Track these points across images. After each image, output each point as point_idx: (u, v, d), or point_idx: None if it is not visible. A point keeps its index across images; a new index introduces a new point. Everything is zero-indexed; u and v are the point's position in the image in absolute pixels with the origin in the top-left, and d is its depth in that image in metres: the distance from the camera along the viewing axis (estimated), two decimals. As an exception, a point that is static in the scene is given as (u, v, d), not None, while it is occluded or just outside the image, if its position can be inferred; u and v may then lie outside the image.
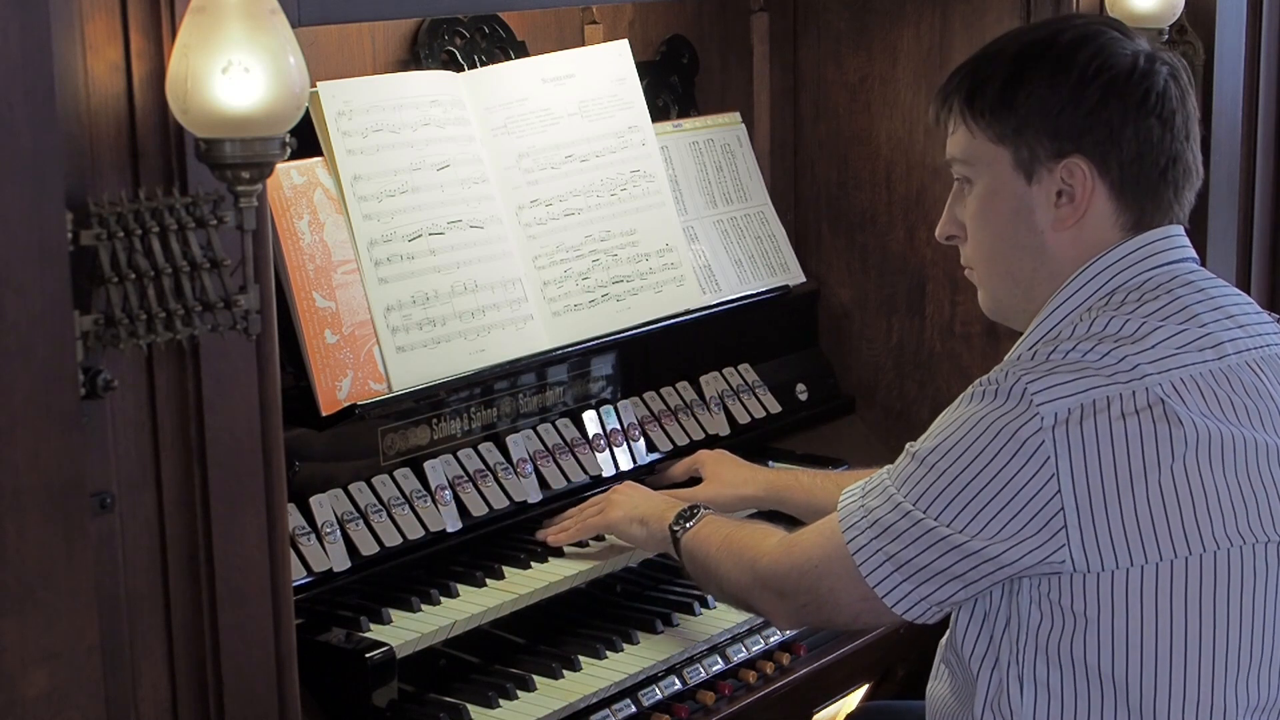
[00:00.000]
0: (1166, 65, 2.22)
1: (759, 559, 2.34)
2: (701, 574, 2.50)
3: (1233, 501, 2.09)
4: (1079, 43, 2.20)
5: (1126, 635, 2.08)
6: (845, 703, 3.12)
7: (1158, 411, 2.06)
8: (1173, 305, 2.16)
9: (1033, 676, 2.13)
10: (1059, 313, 2.20)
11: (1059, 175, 2.19)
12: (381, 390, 2.61)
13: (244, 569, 2.02)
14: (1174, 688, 2.09)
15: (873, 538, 2.16)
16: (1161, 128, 2.19)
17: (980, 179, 2.26)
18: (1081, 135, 2.18)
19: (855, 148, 3.45)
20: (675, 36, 3.35)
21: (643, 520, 2.66)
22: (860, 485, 2.23)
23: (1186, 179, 2.23)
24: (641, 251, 3.04)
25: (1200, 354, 2.13)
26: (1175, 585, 2.07)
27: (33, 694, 1.77)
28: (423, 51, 2.88)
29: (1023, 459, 2.05)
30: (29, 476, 1.74)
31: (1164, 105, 2.19)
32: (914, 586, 2.14)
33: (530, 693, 2.49)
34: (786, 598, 2.29)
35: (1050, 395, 2.06)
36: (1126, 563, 2.06)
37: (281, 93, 1.82)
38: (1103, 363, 2.09)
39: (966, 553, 2.10)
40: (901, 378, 3.47)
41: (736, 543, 2.41)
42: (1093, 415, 2.04)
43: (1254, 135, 3.69)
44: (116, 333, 1.82)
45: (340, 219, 2.63)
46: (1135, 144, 2.18)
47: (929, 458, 2.12)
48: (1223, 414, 2.10)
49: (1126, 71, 2.18)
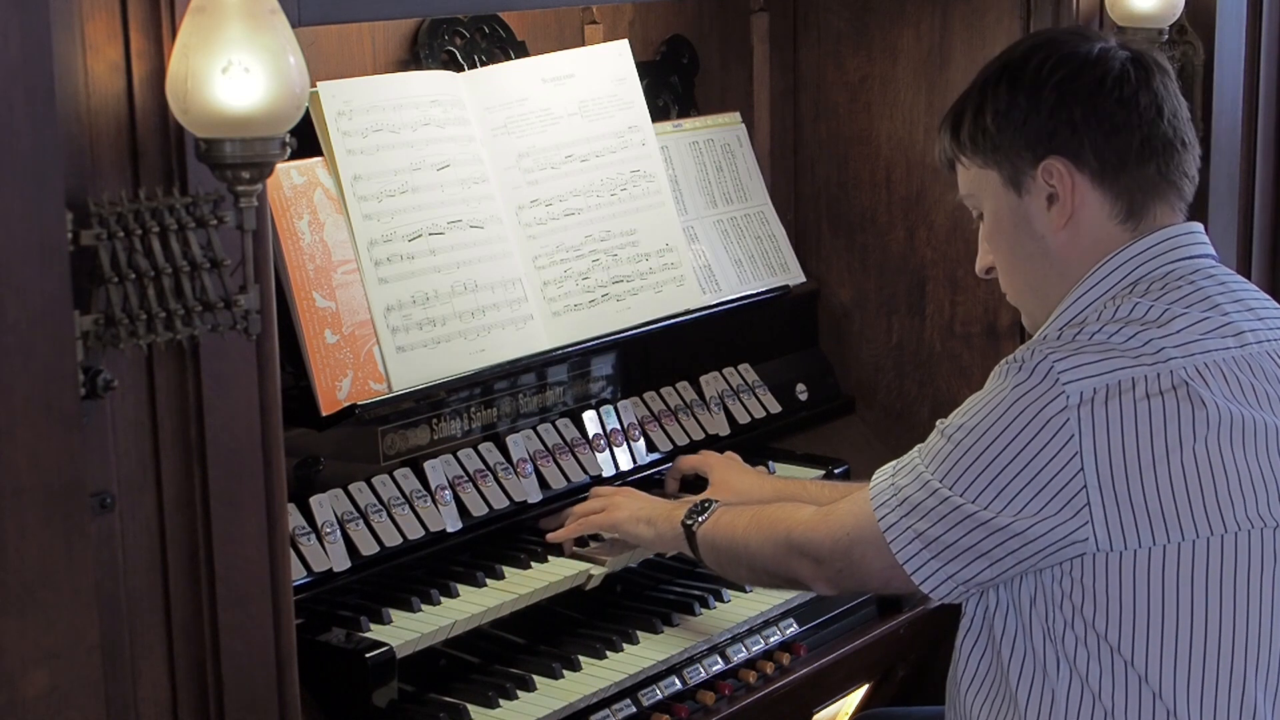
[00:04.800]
0: (1125, 52, 2.28)
1: (793, 529, 2.39)
2: (728, 558, 2.54)
3: (1254, 484, 2.14)
4: (1030, 53, 2.30)
5: (1148, 617, 2.12)
6: (845, 703, 3.12)
7: (1181, 393, 2.11)
8: (1196, 294, 2.22)
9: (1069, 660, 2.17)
10: (1084, 300, 2.25)
11: (1042, 180, 2.26)
12: (381, 390, 2.61)
13: (244, 569, 2.02)
14: (1193, 670, 2.13)
15: (902, 515, 2.21)
16: (1124, 109, 2.24)
17: (985, 205, 2.35)
18: (1050, 137, 2.25)
19: (855, 148, 3.45)
20: (675, 36, 3.35)
21: (649, 520, 2.68)
22: (892, 464, 2.29)
23: (1168, 153, 2.27)
24: (641, 251, 3.04)
25: (1223, 340, 2.18)
26: (1196, 567, 2.12)
27: (33, 694, 1.77)
28: (423, 51, 2.88)
29: (1047, 436, 2.10)
30: (29, 476, 1.74)
31: (1122, 88, 2.25)
32: (941, 564, 2.19)
33: (530, 693, 2.49)
34: (823, 563, 2.35)
35: (1076, 375, 2.11)
36: (1149, 542, 2.10)
37: (281, 93, 1.82)
38: (1128, 345, 2.14)
39: (993, 529, 2.14)
40: (901, 378, 3.47)
41: (765, 519, 2.47)
42: (1118, 395, 2.09)
43: (1254, 135, 3.69)
44: (116, 333, 1.82)
45: (340, 219, 2.63)
46: (1100, 130, 2.24)
47: (955, 434, 2.18)
48: (1244, 398, 2.15)
49: (1078, 66, 2.26)
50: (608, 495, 2.78)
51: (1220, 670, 2.13)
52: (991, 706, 2.25)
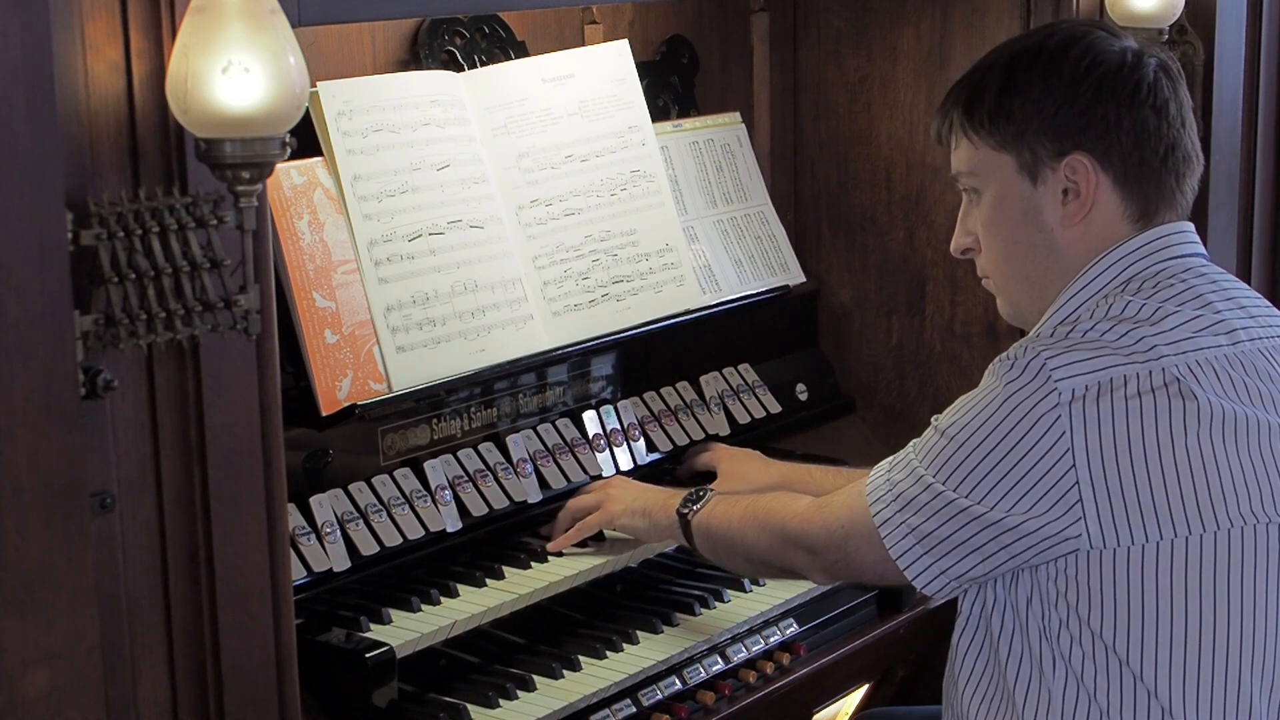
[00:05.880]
0: (1154, 59, 2.29)
1: (788, 520, 2.40)
2: (723, 547, 2.54)
3: (1245, 481, 2.14)
4: (1067, 44, 2.27)
5: (1142, 615, 2.12)
6: (845, 703, 3.12)
7: (1173, 390, 2.11)
8: (1188, 292, 2.22)
9: (1064, 658, 2.17)
10: (1076, 299, 2.25)
11: (1063, 173, 2.25)
12: (381, 390, 2.61)
13: (244, 569, 2.02)
14: (1188, 667, 2.13)
15: (896, 510, 2.22)
16: (1156, 117, 2.25)
17: (987, 188, 2.32)
18: (1080, 132, 2.24)
19: (855, 148, 3.45)
20: (675, 36, 3.35)
21: (645, 512, 2.68)
22: (889, 459, 2.30)
23: (1187, 165, 2.29)
24: (641, 251, 3.04)
25: (1215, 338, 2.18)
26: (1190, 563, 2.12)
27: (33, 694, 1.77)
28: (423, 51, 2.88)
29: (1039, 433, 2.11)
30: (29, 476, 1.74)
31: (1156, 95, 2.25)
32: (934, 559, 2.20)
33: (530, 693, 2.49)
34: (818, 554, 2.36)
35: (1069, 372, 2.11)
36: (1142, 539, 2.11)
37: (281, 93, 1.82)
38: (1120, 342, 2.14)
39: (985, 524, 2.15)
40: (901, 378, 3.47)
41: (761, 510, 2.47)
42: (1109, 392, 2.10)
43: (1254, 135, 3.69)
44: (116, 333, 1.82)
45: (340, 219, 2.63)
46: (1133, 135, 2.24)
47: (949, 430, 2.19)
48: (1237, 395, 2.16)
49: (1116, 66, 2.25)
50: (601, 488, 2.78)
51: (1215, 667, 2.14)
52: (988, 706, 2.25)
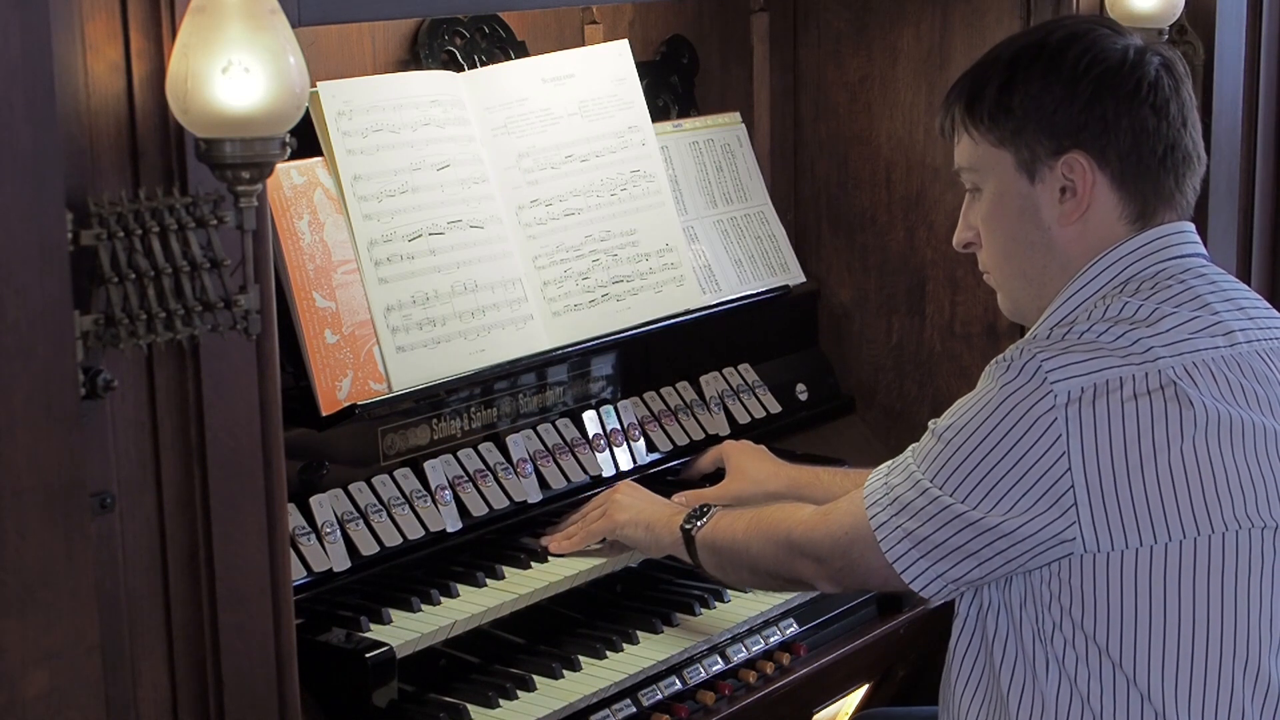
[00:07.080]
0: (1158, 56, 2.27)
1: (793, 529, 2.40)
2: (729, 561, 2.53)
3: (1241, 485, 2.13)
4: (1068, 41, 2.26)
5: (1136, 619, 2.12)
6: (845, 703, 3.12)
7: (1169, 393, 2.10)
8: (1186, 293, 2.21)
9: (1058, 661, 2.16)
10: (1074, 299, 2.24)
11: (1060, 171, 2.24)
12: (381, 390, 2.61)
13: (244, 569, 2.02)
14: (1181, 672, 2.12)
15: (893, 515, 2.21)
16: (1156, 116, 2.23)
17: (987, 184, 2.31)
18: (1078, 130, 2.23)
19: (855, 148, 3.45)
20: (675, 36, 3.35)
21: (648, 525, 2.67)
22: (888, 463, 2.29)
23: (1187, 166, 2.27)
24: (641, 251, 3.04)
25: (1212, 340, 2.17)
26: (1184, 567, 2.11)
27: (33, 694, 1.77)
28: (423, 51, 2.88)
29: (1035, 435, 2.10)
30: (29, 476, 1.74)
31: (1157, 94, 2.24)
32: (931, 564, 2.19)
33: (530, 693, 2.49)
34: (824, 563, 2.36)
35: (1065, 374, 2.11)
36: (1136, 542, 2.10)
37: (281, 93, 1.82)
38: (1117, 344, 2.13)
39: (981, 529, 2.14)
40: (901, 378, 3.47)
41: (765, 521, 2.47)
42: (1105, 395, 2.09)
43: (1254, 135, 3.69)
44: (116, 333, 1.82)
45: (340, 219, 2.63)
46: (1131, 134, 2.23)
47: (945, 434, 2.18)
48: (1233, 398, 2.14)
49: (1117, 64, 2.24)
50: (608, 495, 2.77)
51: (1209, 672, 2.13)
52: (984, 707, 2.25)
